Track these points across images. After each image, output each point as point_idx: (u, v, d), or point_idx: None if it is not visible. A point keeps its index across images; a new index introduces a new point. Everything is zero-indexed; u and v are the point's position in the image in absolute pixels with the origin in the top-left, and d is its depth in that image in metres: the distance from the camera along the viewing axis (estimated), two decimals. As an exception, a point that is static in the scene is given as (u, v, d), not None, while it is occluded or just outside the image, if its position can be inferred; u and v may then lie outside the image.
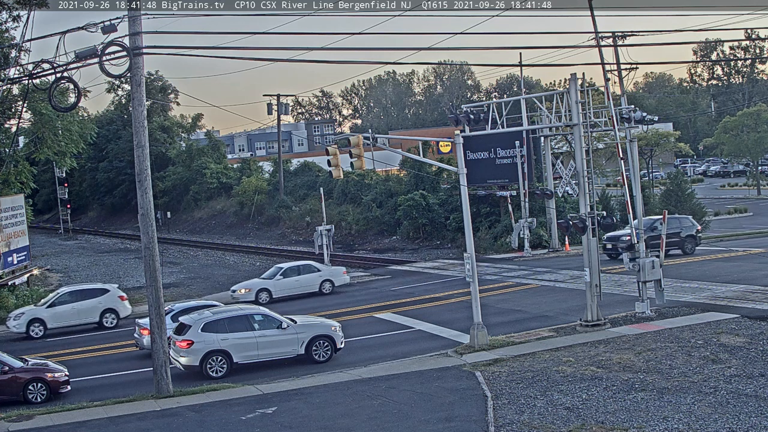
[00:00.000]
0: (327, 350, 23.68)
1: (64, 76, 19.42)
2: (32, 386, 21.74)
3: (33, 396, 21.68)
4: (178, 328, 23.51)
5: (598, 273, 24.79)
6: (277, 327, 23.41)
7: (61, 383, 22.13)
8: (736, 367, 18.82)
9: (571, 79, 25.22)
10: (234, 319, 23.38)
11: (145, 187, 20.39)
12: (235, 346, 22.85)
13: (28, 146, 43.31)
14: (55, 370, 22.35)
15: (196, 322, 23.22)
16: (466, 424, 16.12)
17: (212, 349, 22.67)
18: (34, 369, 22.21)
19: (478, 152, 47.04)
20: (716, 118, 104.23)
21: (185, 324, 23.33)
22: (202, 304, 27.87)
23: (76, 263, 61.34)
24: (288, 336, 23.35)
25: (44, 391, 21.80)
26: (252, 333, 23.13)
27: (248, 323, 23.35)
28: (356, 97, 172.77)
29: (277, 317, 23.78)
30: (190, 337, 22.76)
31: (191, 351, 22.63)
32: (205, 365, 22.63)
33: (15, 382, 21.62)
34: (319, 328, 23.95)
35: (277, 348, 23.31)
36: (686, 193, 50.64)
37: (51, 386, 21.91)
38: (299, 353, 23.45)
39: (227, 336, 22.88)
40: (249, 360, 23.04)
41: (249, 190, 76.97)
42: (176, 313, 26.52)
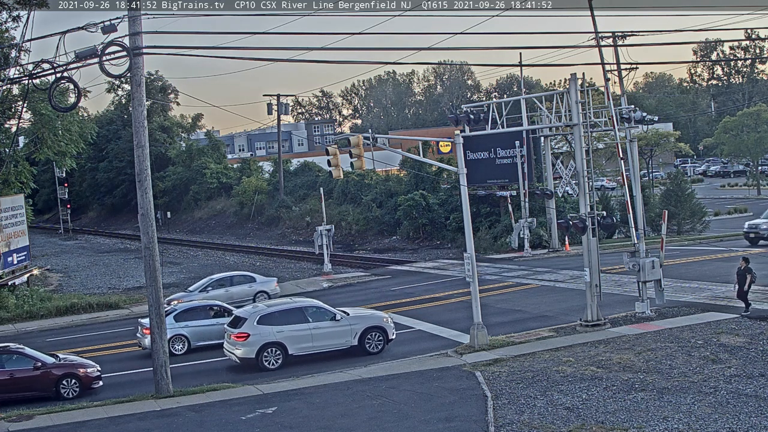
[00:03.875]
0: (379, 341, 23.96)
1: (64, 76, 19.42)
2: (65, 382, 21.88)
3: (66, 391, 21.80)
4: (233, 321, 23.80)
5: (598, 273, 24.79)
6: (331, 319, 23.70)
7: (93, 378, 22.24)
8: (736, 367, 18.82)
9: (571, 79, 25.22)
10: (288, 311, 23.68)
11: (145, 187, 20.40)
12: (290, 338, 23.08)
13: (28, 146, 43.29)
14: (87, 366, 22.47)
15: (252, 315, 23.42)
16: (466, 424, 16.12)
17: (268, 342, 22.91)
18: (67, 364, 22.33)
19: (478, 152, 47.03)
20: (716, 118, 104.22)
21: (241, 317, 23.56)
22: (205, 304, 28.01)
23: (76, 263, 61.34)
24: (341, 328, 23.59)
25: (77, 386, 21.94)
26: (306, 325, 23.37)
27: (302, 315, 23.62)
28: (356, 97, 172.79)
29: (330, 309, 24.10)
30: (246, 329, 22.95)
31: (247, 343, 22.85)
32: (260, 357, 22.86)
33: (48, 378, 21.72)
34: (372, 319, 24.25)
35: (331, 340, 23.51)
36: (686, 193, 50.63)
37: (83, 381, 22.04)
38: (352, 344, 23.68)
39: (282, 328, 23.14)
40: (303, 352, 23.26)
41: (249, 190, 76.97)
42: (179, 313, 26.70)
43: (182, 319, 26.53)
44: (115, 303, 37.47)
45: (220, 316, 26.92)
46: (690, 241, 45.71)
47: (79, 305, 36.40)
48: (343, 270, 46.69)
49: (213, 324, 26.60)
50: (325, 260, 44.15)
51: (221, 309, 27.33)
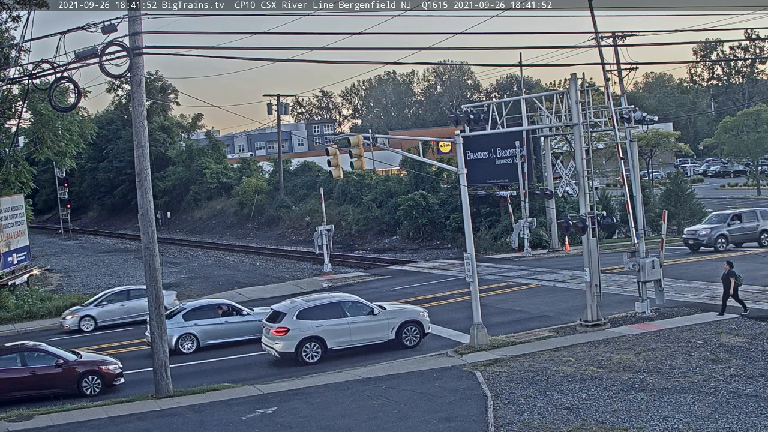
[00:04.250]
0: (416, 335, 24.33)
1: (64, 76, 19.42)
2: (87, 379, 21.95)
3: (88, 389, 21.89)
4: (272, 316, 24.04)
5: (598, 273, 24.79)
6: (368, 313, 24.03)
7: (115, 375, 22.31)
8: (736, 367, 18.82)
9: (571, 79, 25.22)
10: (327, 306, 23.99)
11: (145, 187, 20.40)
12: (329, 332, 23.38)
13: (28, 146, 43.27)
14: (109, 363, 22.56)
15: (291, 309, 23.67)
16: (466, 424, 16.12)
17: (307, 336, 23.21)
18: (89, 361, 22.40)
19: (478, 152, 47.02)
20: (716, 118, 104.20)
21: (280, 312, 23.78)
22: (214, 303, 28.15)
23: (76, 263, 61.32)
24: (379, 322, 23.96)
25: (99, 383, 22.03)
26: (345, 319, 23.68)
27: (340, 310, 23.92)
28: (356, 97, 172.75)
29: (368, 304, 24.45)
30: (286, 324, 23.22)
31: (287, 338, 23.13)
32: (300, 351, 23.16)
33: (70, 375, 21.79)
34: (409, 313, 24.65)
35: (369, 334, 23.89)
36: (686, 193, 50.64)
37: (105, 378, 22.11)
38: (389, 338, 24.04)
39: (321, 323, 23.42)
40: (342, 346, 23.59)
41: (249, 190, 76.96)
42: (188, 312, 26.88)
43: (191, 318, 26.70)
44: (115, 303, 37.38)
45: (228, 314, 27.12)
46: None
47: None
48: (343, 270, 46.70)
49: (222, 323, 26.83)
50: (325, 260, 44.15)
51: (230, 308, 27.51)
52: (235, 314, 27.15)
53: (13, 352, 22.11)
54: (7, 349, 22.48)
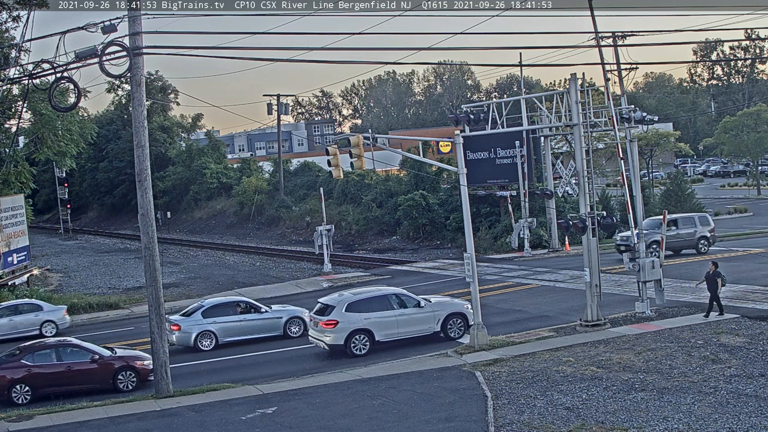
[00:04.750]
0: (461, 327, 24.85)
1: (64, 76, 19.42)
2: (122, 374, 22.13)
3: (123, 384, 22.07)
4: (320, 309, 24.43)
5: (598, 273, 24.79)
6: (415, 305, 24.50)
7: (150, 370, 22.26)
8: (736, 367, 18.82)
9: (571, 79, 25.22)
10: (375, 299, 24.47)
11: (145, 187, 20.40)
12: (377, 324, 23.85)
13: (28, 146, 43.30)
14: (143, 358, 22.69)
15: (340, 302, 24.12)
16: (466, 424, 16.12)
17: (356, 328, 23.68)
18: (124, 357, 22.59)
19: (478, 152, 47.01)
20: (716, 118, 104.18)
21: (329, 305, 24.19)
22: (233, 300, 28.44)
23: (76, 263, 61.31)
24: (425, 314, 24.46)
25: (134, 379, 22.19)
26: (392, 312, 24.18)
27: (388, 303, 24.40)
28: (356, 97, 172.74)
29: (414, 296, 24.93)
30: (335, 317, 23.64)
31: (336, 330, 23.57)
32: (349, 344, 23.63)
33: (105, 371, 21.97)
34: (454, 306, 25.21)
35: (415, 326, 24.36)
36: (686, 193, 50.63)
37: (140, 374, 22.27)
38: (435, 330, 24.56)
39: (369, 315, 23.87)
40: (389, 338, 24.09)
41: (249, 190, 76.94)
42: (207, 309, 27.16)
43: (210, 315, 26.93)
44: (115, 303, 37.47)
45: (246, 312, 27.40)
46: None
47: (79, 305, 36.38)
48: (343, 270, 46.69)
49: (240, 320, 27.11)
50: (325, 260, 44.15)
51: (248, 305, 27.80)
52: (253, 312, 27.46)
53: (48, 347, 22.38)
54: (43, 345, 22.73)
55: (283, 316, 27.60)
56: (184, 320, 26.84)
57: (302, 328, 27.36)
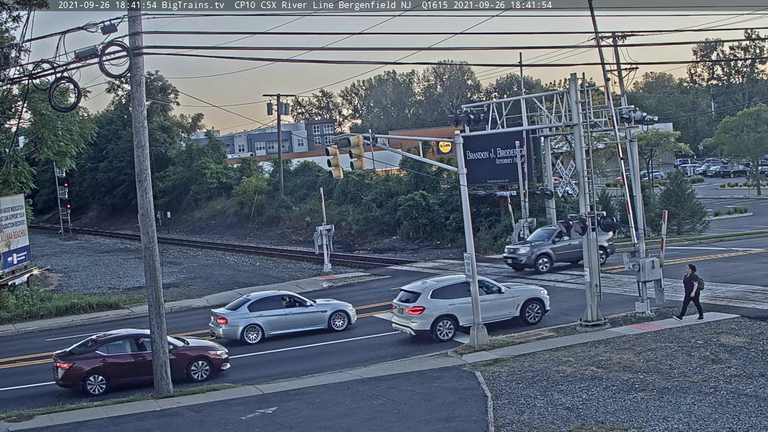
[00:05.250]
0: (538, 312, 25.91)
1: (64, 76, 19.43)
2: (196, 364, 22.48)
3: (196, 374, 22.42)
4: (404, 296, 25.34)
5: (598, 273, 24.80)
6: (496, 291, 25.51)
7: (223, 360, 22.83)
8: (736, 367, 18.82)
9: (571, 79, 25.22)
10: (457, 285, 25.14)
11: (145, 187, 20.40)
12: (461, 310, 24.54)
13: (28, 146, 43.25)
14: (216, 348, 23.12)
15: (425, 289, 24.96)
16: (466, 424, 16.13)
17: (441, 314, 24.57)
18: (198, 347, 23.00)
19: (478, 152, 46.99)
20: (716, 118, 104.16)
21: (413, 292, 25.05)
22: (278, 294, 28.80)
23: (76, 263, 61.30)
24: (506, 299, 25.49)
25: (207, 368, 22.56)
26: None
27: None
28: (356, 97, 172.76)
29: (495, 283, 25.96)
30: (421, 303, 24.48)
31: (423, 316, 24.44)
32: (435, 329, 24.52)
33: (180, 361, 22.21)
34: (532, 292, 26.35)
35: (496, 311, 25.29)
36: (686, 193, 50.59)
37: (214, 364, 22.65)
38: (515, 315, 25.58)
39: (453, 301, 24.72)
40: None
41: (249, 190, 76.93)
42: (252, 303, 27.55)
43: (256, 309, 27.33)
44: (115, 303, 37.44)
45: (291, 306, 27.78)
46: (690, 241, 45.69)
47: (79, 305, 36.38)
48: (343, 270, 46.68)
49: (286, 314, 27.50)
50: (325, 260, 44.14)
51: (292, 299, 28.18)
52: (298, 305, 27.85)
53: (122, 338, 22.72)
54: (117, 335, 23.00)
55: (328, 310, 28.10)
56: (231, 314, 27.30)
57: (346, 322, 28.01)
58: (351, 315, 28.21)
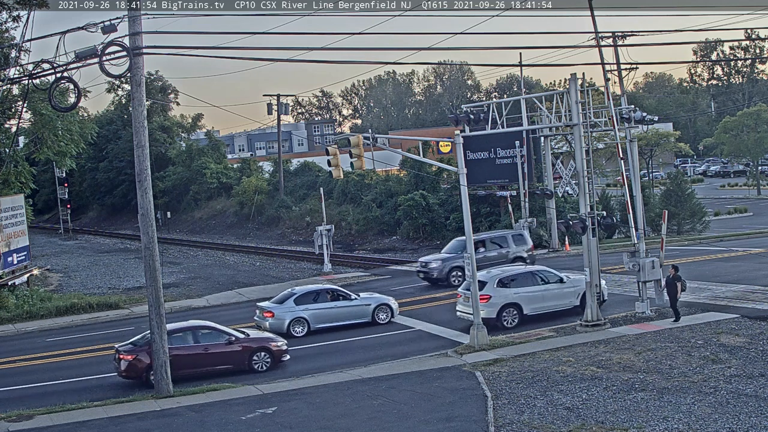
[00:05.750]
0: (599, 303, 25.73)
1: (64, 76, 19.42)
2: (257, 355, 22.81)
3: (258, 365, 22.75)
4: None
5: (598, 273, 24.81)
6: (558, 281, 26.29)
7: (283, 352, 23.15)
8: (736, 367, 18.83)
9: (571, 79, 25.23)
10: (522, 275, 26.37)
11: (145, 187, 20.39)
12: (525, 298, 25.67)
13: (28, 146, 43.23)
14: (276, 340, 23.49)
15: (491, 278, 25.83)
16: (466, 424, 16.13)
17: (507, 303, 25.48)
18: (259, 338, 23.40)
19: (478, 152, 47.00)
20: (716, 118, 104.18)
21: (480, 281, 25.12)
22: (323, 288, 29.18)
23: (76, 263, 61.30)
24: (567, 289, 26.27)
25: (268, 360, 22.90)
26: (538, 287, 26.00)
27: (534, 278, 26.23)
28: (356, 97, 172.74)
29: (557, 273, 26.71)
30: (488, 292, 25.25)
31: (489, 305, 25.19)
32: (500, 317, 25.43)
33: (241, 352, 22.63)
34: None
35: (559, 300, 26.16)
36: (686, 193, 50.62)
37: (274, 355, 22.97)
38: (575, 305, 26.21)
39: (518, 290, 25.71)
40: (536, 311, 25.79)
41: (249, 190, 76.93)
42: (299, 296, 28.03)
43: (302, 302, 27.73)
44: (115, 303, 37.42)
45: (336, 299, 28.18)
46: (690, 241, 45.70)
47: (79, 305, 36.37)
48: (343, 270, 46.67)
49: (331, 307, 27.88)
50: (325, 260, 44.13)
51: (336, 293, 28.57)
52: (342, 299, 28.20)
53: (185, 330, 22.96)
54: (179, 327, 23.21)
55: (372, 303, 28.49)
56: (277, 307, 27.65)
57: (389, 315, 28.44)
58: (394, 308, 28.73)
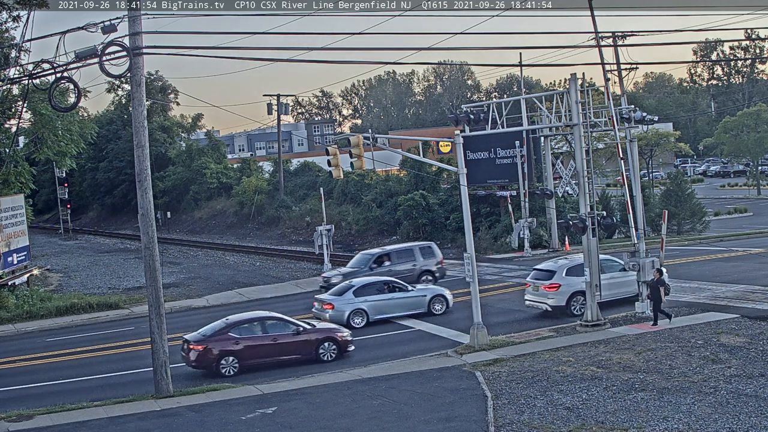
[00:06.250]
0: None
1: (64, 76, 19.42)
2: (324, 345, 23.27)
3: (324, 355, 23.26)
4: (538, 275, 27.06)
5: (598, 273, 24.82)
6: (621, 270, 26.91)
7: (348, 342, 23.60)
8: (736, 367, 18.83)
9: (571, 79, 25.23)
10: None
11: (145, 187, 20.39)
12: None
13: (28, 146, 43.24)
14: (342, 330, 23.95)
15: (560, 268, 26.71)
16: (466, 424, 16.13)
17: (576, 290, 26.07)
18: (325, 329, 23.86)
19: (478, 152, 47.01)
20: (716, 118, 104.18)
21: (548, 270, 26.63)
22: (382, 280, 29.60)
23: (76, 263, 61.28)
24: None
25: (335, 350, 23.36)
26: (605, 275, 26.36)
27: (600, 267, 25.96)
28: (356, 97, 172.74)
29: (620, 261, 27.16)
30: (557, 281, 26.17)
31: (559, 293, 26.20)
32: (570, 304, 26.24)
33: (309, 342, 23.15)
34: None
35: (623, 288, 26.96)
36: (686, 193, 50.64)
37: (341, 345, 23.43)
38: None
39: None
40: (604, 299, 26.04)
41: (249, 190, 76.91)
42: (357, 288, 28.43)
43: (361, 294, 28.20)
44: (115, 303, 37.44)
45: (393, 291, 28.62)
46: (690, 241, 45.71)
47: (79, 305, 36.38)
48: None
49: (389, 298, 28.38)
50: (325, 260, 44.11)
51: (393, 285, 28.99)
52: (398, 290, 28.67)
53: (254, 321, 23.50)
54: (249, 318, 23.62)
55: (427, 294, 29.12)
56: (337, 299, 28.07)
57: (444, 305, 29.12)
58: (449, 299, 29.30)
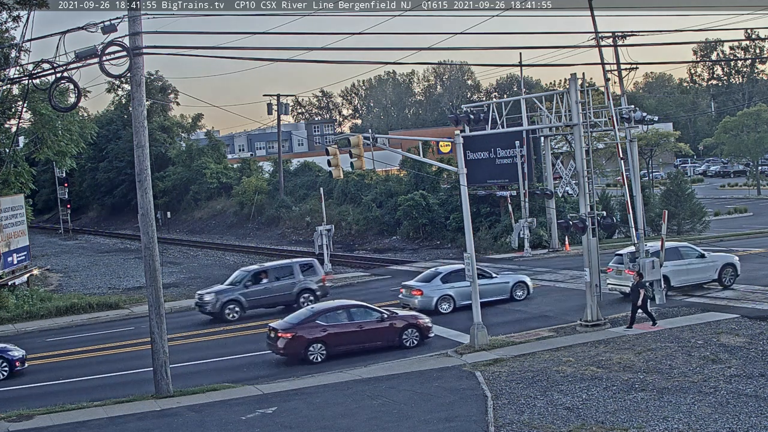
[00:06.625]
0: (732, 276, 28.91)
1: (64, 76, 19.41)
2: (407, 332, 23.82)
3: (407, 341, 23.80)
4: (620, 260, 28.08)
5: (598, 273, 24.80)
6: (698, 256, 28.46)
7: (429, 328, 24.11)
8: (736, 367, 18.83)
9: (571, 79, 25.23)
10: (668, 250, 27.50)
11: (145, 187, 20.39)
12: (673, 272, 27.77)
13: (28, 146, 43.22)
14: (422, 317, 24.52)
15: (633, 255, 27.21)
16: (466, 424, 16.13)
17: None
18: (407, 316, 24.49)
19: (478, 152, 47.02)
20: (716, 118, 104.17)
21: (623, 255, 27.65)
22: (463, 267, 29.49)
23: (76, 263, 61.30)
24: (707, 264, 28.50)
25: (417, 336, 23.88)
26: (682, 261, 28.17)
27: (678, 253, 28.23)
28: (356, 97, 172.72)
29: (697, 249, 29.02)
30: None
31: None
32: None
33: (393, 329, 23.69)
34: (727, 258, 29.50)
35: (700, 274, 28.50)
36: (686, 193, 50.63)
37: (422, 331, 23.95)
38: (713, 278, 28.65)
39: (666, 263, 26.99)
40: (682, 284, 28.05)
41: (249, 190, 76.92)
42: (444, 275, 29.38)
43: (448, 281, 28.93)
44: (115, 303, 37.43)
45: (480, 278, 28.39)
46: (690, 241, 45.59)
47: (79, 305, 36.36)
48: (343, 270, 46.67)
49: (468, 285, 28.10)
50: (325, 260, 44.12)
51: (479, 272, 28.83)
52: (483, 278, 28.92)
53: (340, 308, 24.11)
54: (335, 306, 24.41)
55: (510, 282, 30.29)
56: (426, 285, 28.71)
57: (526, 292, 30.35)
58: (530, 286, 30.59)
